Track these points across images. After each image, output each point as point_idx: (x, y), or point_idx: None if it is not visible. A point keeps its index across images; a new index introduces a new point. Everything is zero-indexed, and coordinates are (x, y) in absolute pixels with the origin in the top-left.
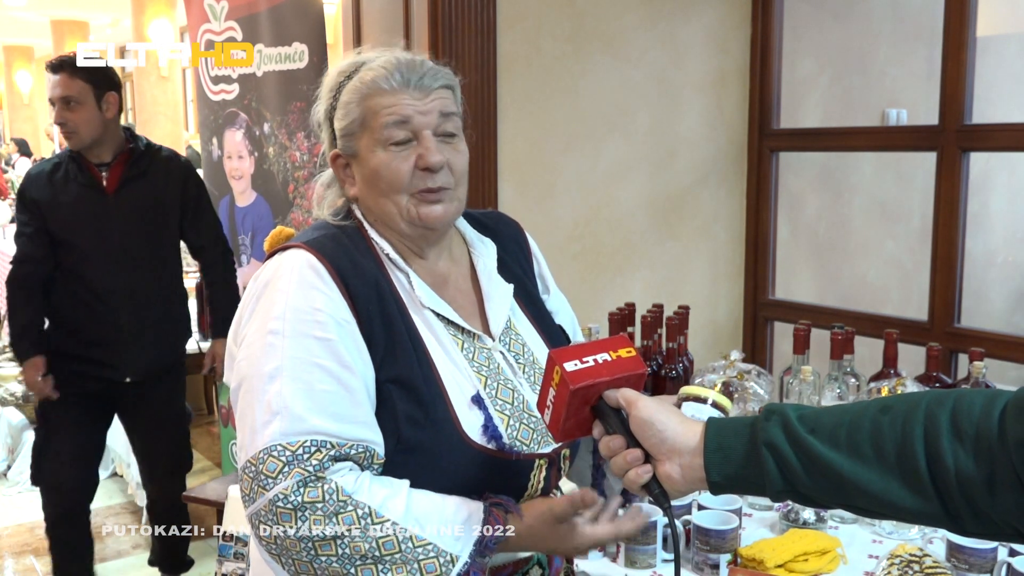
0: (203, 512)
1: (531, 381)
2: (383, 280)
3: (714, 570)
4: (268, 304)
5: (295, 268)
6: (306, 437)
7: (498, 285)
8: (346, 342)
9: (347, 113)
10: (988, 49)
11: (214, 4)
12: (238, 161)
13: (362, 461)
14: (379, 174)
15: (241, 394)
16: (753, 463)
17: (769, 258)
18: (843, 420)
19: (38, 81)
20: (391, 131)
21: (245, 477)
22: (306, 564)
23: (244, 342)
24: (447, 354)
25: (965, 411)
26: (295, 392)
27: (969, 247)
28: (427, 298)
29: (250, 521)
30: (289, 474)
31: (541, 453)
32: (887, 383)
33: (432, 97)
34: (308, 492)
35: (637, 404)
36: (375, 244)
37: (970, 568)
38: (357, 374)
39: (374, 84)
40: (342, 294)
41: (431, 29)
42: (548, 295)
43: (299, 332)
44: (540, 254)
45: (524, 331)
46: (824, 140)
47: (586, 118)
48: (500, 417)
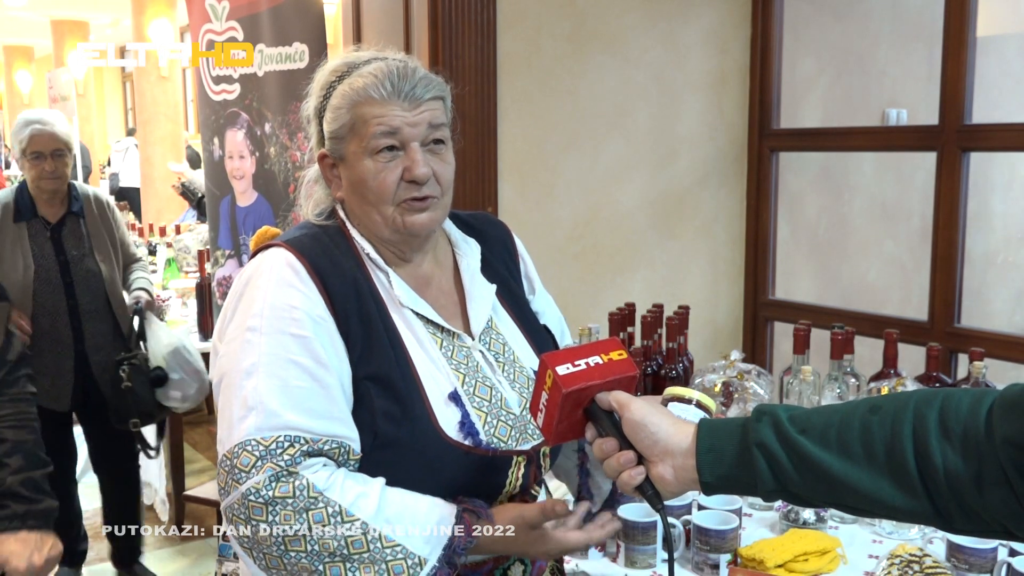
0: (203, 512)
1: (510, 380)
2: (362, 279)
3: (714, 570)
4: (248, 302)
5: (274, 266)
6: (280, 433)
7: (480, 285)
8: (322, 339)
9: (336, 117)
10: (988, 49)
11: (215, 4)
12: (239, 161)
13: (336, 457)
14: (366, 183)
15: (221, 389)
16: (745, 464)
17: (769, 258)
18: (833, 420)
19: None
20: (379, 140)
21: (221, 471)
22: (276, 559)
23: (226, 339)
24: (425, 352)
25: (953, 410)
26: (270, 388)
27: (969, 247)
28: (406, 297)
29: (224, 514)
30: (261, 468)
31: (519, 450)
32: (887, 383)
33: (422, 108)
34: (279, 487)
35: (629, 406)
36: (356, 244)
37: (970, 568)
38: (332, 371)
39: (364, 92)
40: (319, 292)
41: (431, 29)
42: (534, 295)
43: (276, 329)
44: (527, 255)
45: (506, 330)
46: (824, 140)
47: (586, 118)
48: (477, 414)
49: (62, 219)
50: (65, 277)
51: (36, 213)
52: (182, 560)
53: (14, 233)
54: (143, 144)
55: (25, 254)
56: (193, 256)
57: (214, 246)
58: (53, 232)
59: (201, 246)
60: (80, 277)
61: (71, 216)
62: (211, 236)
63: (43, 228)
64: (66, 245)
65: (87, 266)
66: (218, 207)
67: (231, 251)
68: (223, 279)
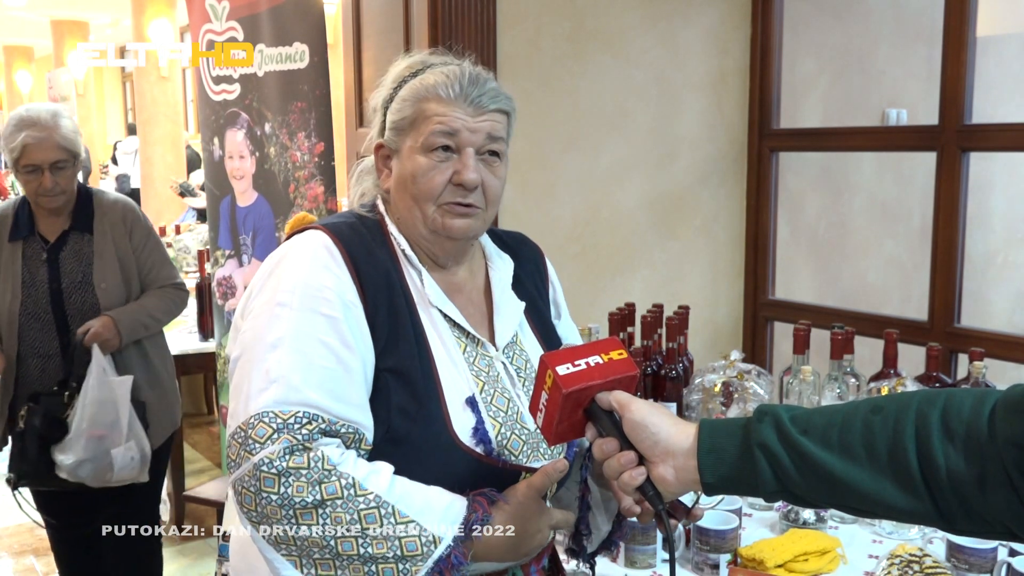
0: (203, 512)
1: (529, 395)
2: (395, 273)
3: (714, 570)
4: (279, 278)
5: (310, 247)
6: (299, 408)
7: (509, 299)
8: (350, 323)
9: (400, 109)
10: (988, 49)
11: (215, 4)
12: (239, 161)
13: (350, 442)
14: (415, 179)
15: (241, 363)
16: (746, 464)
17: (769, 258)
18: (835, 420)
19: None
20: (436, 139)
21: (233, 443)
22: (285, 532)
23: (251, 314)
24: (448, 354)
25: (955, 410)
26: (294, 363)
27: (969, 247)
28: (436, 297)
29: (233, 487)
30: (277, 440)
31: (528, 466)
32: (887, 383)
33: (484, 117)
34: (294, 459)
35: (630, 407)
36: (393, 239)
37: (970, 568)
38: (357, 356)
39: (433, 89)
40: (352, 278)
41: (431, 29)
42: (559, 321)
43: (306, 307)
44: (558, 282)
45: (530, 348)
46: (824, 140)
47: (586, 118)
48: (492, 423)
49: (63, 236)
50: (57, 309)
51: (34, 230)
52: (182, 560)
53: (8, 254)
54: (143, 144)
55: (15, 280)
56: (193, 256)
57: (214, 246)
58: (51, 253)
59: (201, 246)
60: (75, 310)
61: (74, 233)
62: (211, 236)
63: (39, 249)
64: (63, 269)
65: (85, 297)
66: (218, 207)
67: (231, 251)
68: (223, 279)
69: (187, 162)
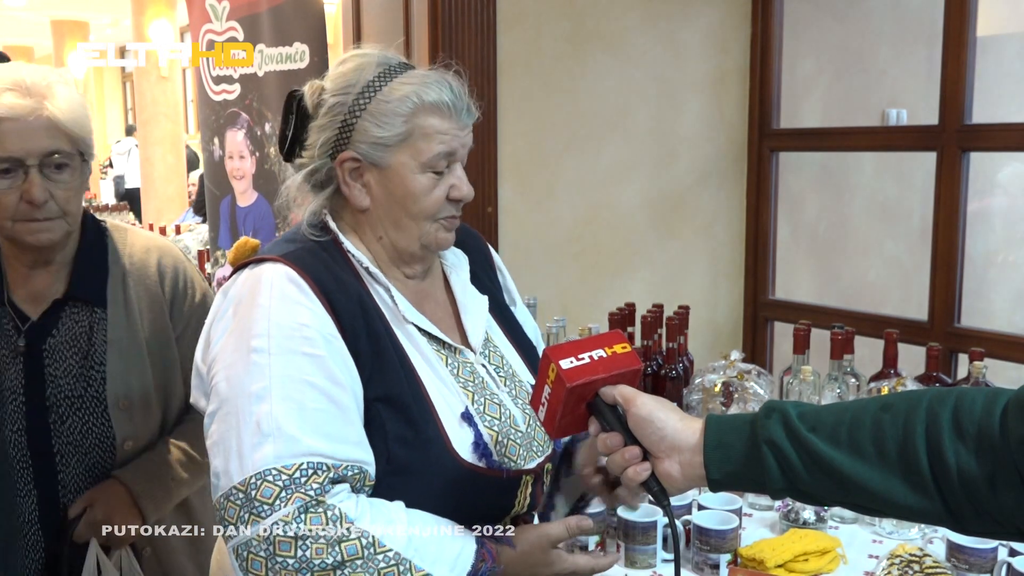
0: None
1: (512, 395)
2: (365, 295)
3: (714, 570)
4: (247, 320)
5: (274, 282)
6: (302, 459)
7: (473, 297)
8: (335, 359)
9: (389, 123)
10: (988, 49)
11: (215, 4)
12: (239, 161)
13: (356, 483)
14: (416, 198)
15: (220, 417)
16: (754, 461)
17: (769, 258)
18: (844, 418)
19: None
20: (440, 160)
21: (230, 505)
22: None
23: (218, 361)
24: (434, 371)
25: (966, 409)
26: (287, 412)
27: (969, 247)
28: (409, 312)
29: (235, 551)
30: (288, 500)
31: (527, 469)
32: (887, 383)
33: (468, 131)
34: (310, 519)
35: (636, 401)
36: (352, 257)
37: (970, 568)
38: (348, 391)
39: (433, 107)
40: (327, 310)
41: (431, 29)
42: (515, 307)
43: (286, 349)
44: (503, 265)
45: (501, 344)
46: (824, 140)
47: (586, 118)
48: (489, 433)
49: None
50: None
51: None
52: None
53: None
54: (143, 144)
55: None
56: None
57: (214, 246)
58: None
59: (201, 246)
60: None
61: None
62: (211, 236)
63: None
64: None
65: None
66: (218, 207)
67: None
68: (223, 279)
69: (187, 162)
